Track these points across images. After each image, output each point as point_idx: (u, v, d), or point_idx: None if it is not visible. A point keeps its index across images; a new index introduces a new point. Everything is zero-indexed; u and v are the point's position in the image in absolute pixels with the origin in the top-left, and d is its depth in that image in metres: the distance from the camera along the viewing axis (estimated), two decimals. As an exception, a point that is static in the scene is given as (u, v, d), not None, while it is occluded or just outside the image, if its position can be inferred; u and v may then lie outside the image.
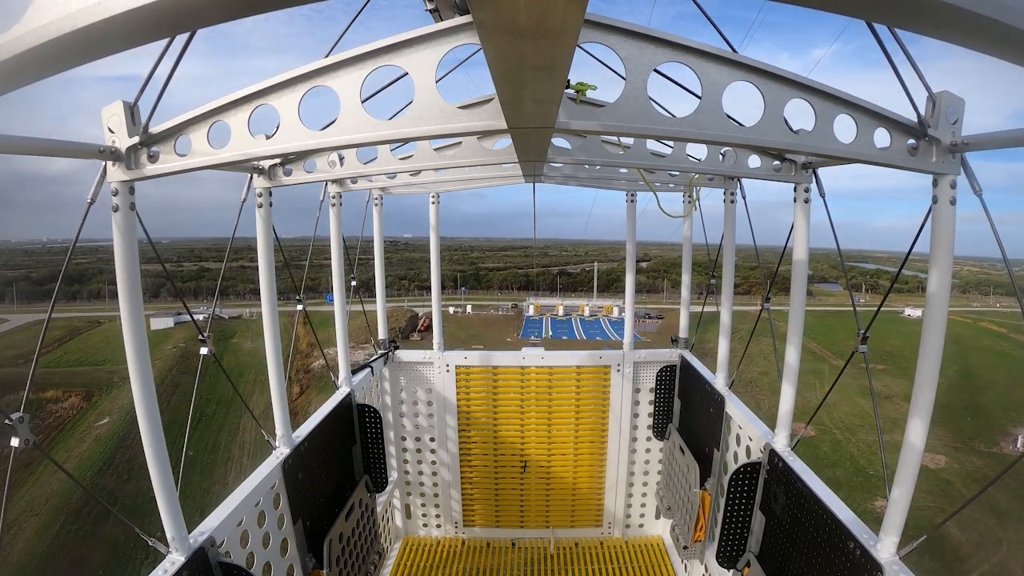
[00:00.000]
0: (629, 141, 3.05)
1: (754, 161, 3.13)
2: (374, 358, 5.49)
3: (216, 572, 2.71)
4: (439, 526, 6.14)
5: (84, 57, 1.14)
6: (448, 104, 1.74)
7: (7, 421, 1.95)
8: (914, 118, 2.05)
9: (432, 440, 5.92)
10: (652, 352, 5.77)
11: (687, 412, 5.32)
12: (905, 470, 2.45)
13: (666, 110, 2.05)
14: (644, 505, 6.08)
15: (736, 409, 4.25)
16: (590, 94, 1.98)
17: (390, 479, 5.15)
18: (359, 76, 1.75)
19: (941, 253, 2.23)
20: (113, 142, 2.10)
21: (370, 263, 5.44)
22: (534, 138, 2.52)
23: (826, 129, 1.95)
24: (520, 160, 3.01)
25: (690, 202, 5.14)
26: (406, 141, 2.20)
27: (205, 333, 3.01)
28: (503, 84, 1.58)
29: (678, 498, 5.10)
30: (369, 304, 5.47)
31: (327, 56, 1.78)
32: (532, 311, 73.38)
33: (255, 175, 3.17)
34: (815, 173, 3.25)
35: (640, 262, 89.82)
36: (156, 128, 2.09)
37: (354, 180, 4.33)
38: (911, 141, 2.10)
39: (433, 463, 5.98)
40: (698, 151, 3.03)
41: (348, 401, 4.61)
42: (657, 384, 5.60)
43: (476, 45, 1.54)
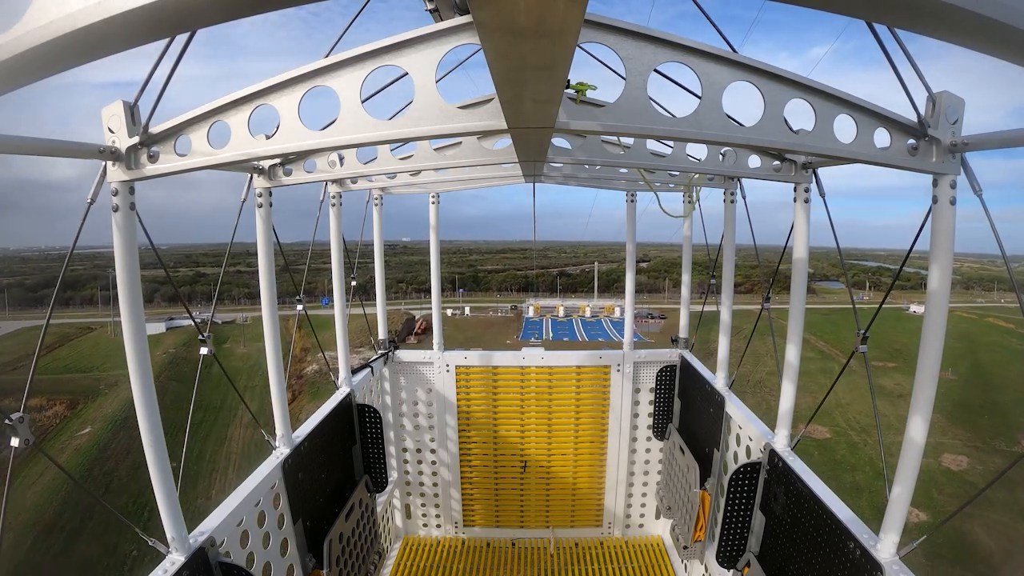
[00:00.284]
0: (629, 141, 3.05)
1: (754, 161, 3.13)
2: (374, 358, 5.49)
3: (216, 572, 2.71)
4: (439, 526, 6.14)
5: (84, 57, 1.14)
6: (448, 104, 1.74)
7: (7, 421, 1.95)
8: (914, 118, 2.05)
9: (432, 440, 5.91)
10: (652, 352, 5.77)
11: (687, 412, 5.32)
12: (905, 469, 2.46)
13: (666, 110, 2.05)
14: (644, 505, 6.08)
15: (736, 409, 4.25)
16: (590, 94, 1.98)
17: (390, 479, 5.15)
18: (359, 76, 1.75)
19: (941, 253, 2.23)
20: (113, 142, 2.10)
21: (369, 265, 5.44)
22: (534, 138, 2.52)
23: (826, 129, 1.95)
24: (520, 160, 3.01)
25: (690, 202, 5.15)
26: (406, 141, 2.20)
27: (205, 333, 3.01)
28: (503, 84, 1.58)
29: (678, 498, 5.09)
30: (369, 306, 5.47)
31: (327, 56, 1.78)
32: (532, 312, 72.30)
33: (255, 175, 3.17)
34: (815, 173, 3.25)
35: (640, 262, 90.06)
36: (156, 128, 2.09)
37: (354, 180, 4.33)
38: (911, 141, 2.10)
39: (433, 463, 5.97)
40: (698, 151, 3.04)
41: (348, 401, 4.61)
42: (657, 384, 5.61)
43: (476, 45, 1.54)
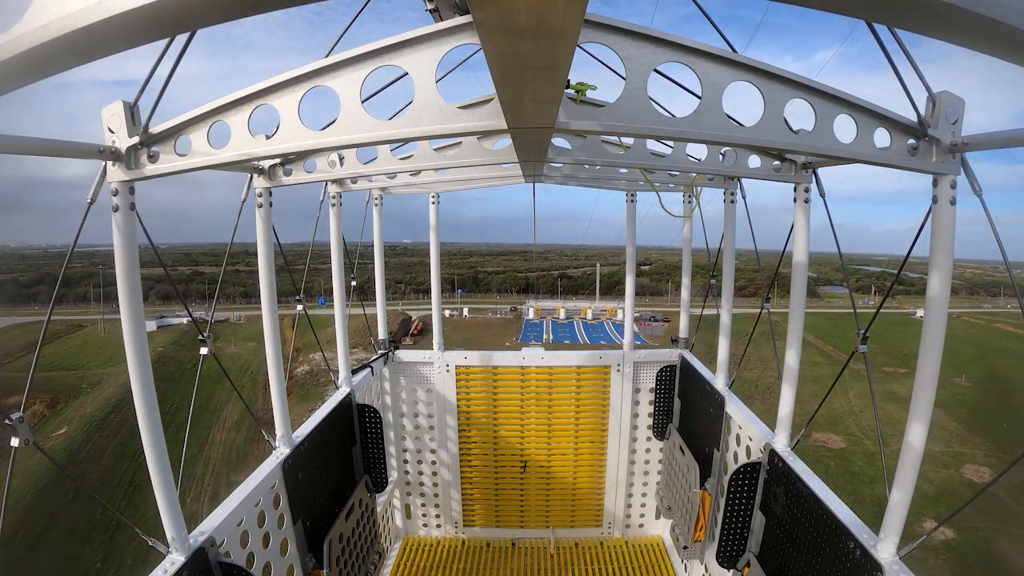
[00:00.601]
0: (629, 141, 3.05)
1: (754, 161, 3.13)
2: (374, 358, 5.49)
3: (216, 572, 2.71)
4: (439, 526, 6.14)
5: (84, 57, 1.14)
6: (448, 104, 1.74)
7: (7, 421, 1.95)
8: (914, 118, 2.05)
9: (432, 440, 5.91)
10: (652, 352, 5.77)
11: (687, 412, 5.32)
12: (905, 471, 2.46)
13: (666, 110, 2.05)
14: (644, 505, 6.08)
15: (736, 409, 4.25)
16: (590, 94, 1.98)
17: (390, 479, 5.15)
18: (359, 76, 1.75)
19: (941, 253, 2.23)
20: (113, 142, 2.10)
21: (369, 266, 5.44)
22: (534, 138, 2.52)
23: (826, 129, 1.95)
24: (520, 160, 3.01)
25: (690, 203, 5.15)
26: (406, 141, 2.20)
27: (206, 333, 3.02)
28: (503, 84, 1.58)
29: (678, 498, 5.09)
30: (368, 306, 5.47)
31: (327, 56, 1.78)
32: (532, 314, 71.42)
33: (255, 175, 3.17)
34: (815, 173, 3.25)
35: (641, 265, 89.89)
36: (156, 128, 2.09)
37: (354, 180, 4.33)
38: (911, 141, 2.10)
39: (433, 463, 5.97)
40: (698, 151, 3.03)
41: (348, 401, 4.60)
42: (657, 384, 5.60)
43: (476, 45, 1.53)
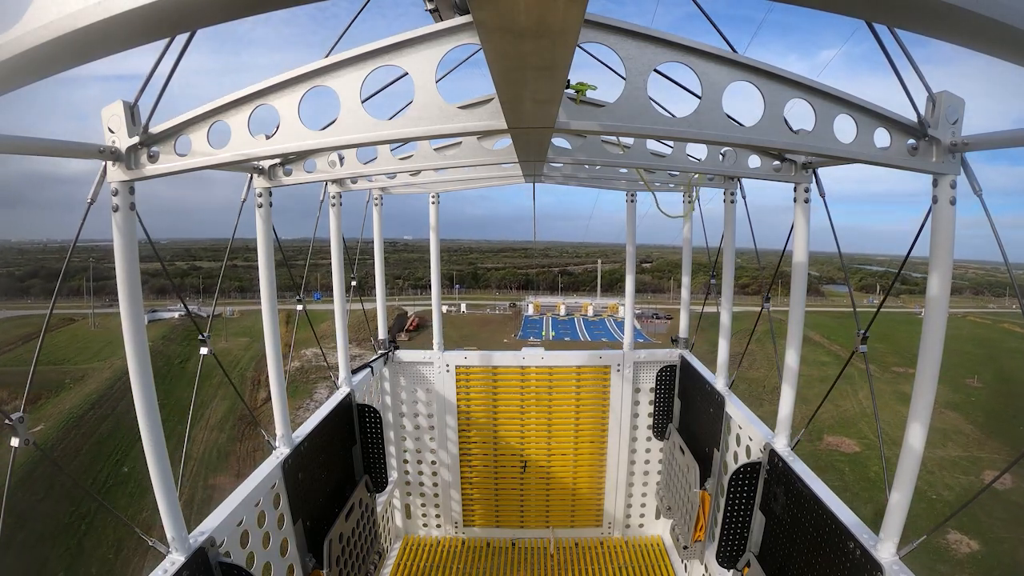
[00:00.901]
0: (629, 141, 3.05)
1: (754, 161, 3.13)
2: (374, 358, 5.49)
3: (216, 572, 2.71)
4: (439, 526, 6.14)
5: (84, 57, 1.14)
6: (448, 104, 1.74)
7: (7, 421, 1.95)
8: (914, 118, 2.05)
9: (432, 440, 5.91)
10: (652, 352, 5.77)
11: (687, 412, 5.32)
12: (905, 471, 2.47)
13: (666, 110, 2.05)
14: (644, 505, 6.08)
15: (736, 409, 4.24)
16: (590, 94, 1.98)
17: (390, 479, 5.15)
18: (359, 76, 1.75)
19: (941, 253, 2.23)
20: (113, 142, 2.10)
21: (368, 262, 5.44)
22: (534, 138, 2.52)
23: (826, 129, 1.95)
24: (520, 160, 3.01)
25: (690, 202, 5.14)
26: (406, 141, 2.20)
27: (206, 333, 3.01)
28: (503, 84, 1.58)
29: (678, 498, 5.09)
30: (367, 302, 5.47)
31: (327, 56, 1.78)
32: (531, 310, 70.47)
33: (255, 175, 3.17)
34: (815, 173, 3.25)
35: (643, 263, 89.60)
36: (156, 128, 2.09)
37: (354, 180, 4.33)
38: (911, 141, 2.10)
39: (433, 463, 5.97)
40: (698, 151, 3.04)
41: (348, 401, 4.60)
42: (657, 384, 5.60)
43: (476, 45, 1.53)
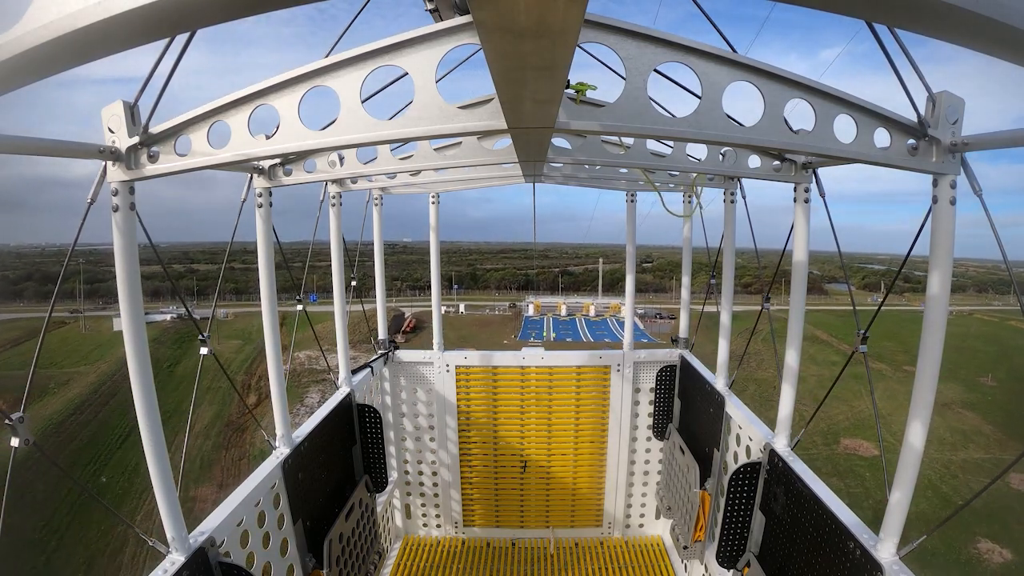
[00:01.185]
0: (629, 141, 3.05)
1: (754, 161, 3.13)
2: (374, 358, 5.49)
3: (216, 572, 2.71)
4: (439, 526, 6.14)
5: (84, 57, 1.14)
6: (448, 104, 1.73)
7: (7, 421, 1.95)
8: (914, 118, 2.05)
9: (432, 440, 5.91)
10: (652, 352, 5.77)
11: (687, 412, 5.32)
12: (905, 471, 2.46)
13: (666, 110, 2.05)
14: (644, 505, 6.08)
15: (736, 409, 4.24)
16: (590, 94, 1.98)
17: (390, 479, 5.15)
18: (359, 76, 1.75)
19: (941, 253, 2.23)
20: (113, 142, 2.09)
21: (368, 263, 5.43)
22: (534, 138, 2.52)
23: (826, 129, 1.95)
24: (520, 160, 3.01)
25: (690, 202, 5.15)
26: (406, 141, 2.20)
27: (206, 333, 3.01)
28: (503, 84, 1.58)
29: (678, 498, 5.09)
30: (367, 302, 5.46)
31: (327, 56, 1.78)
32: (532, 310, 68.79)
33: (255, 175, 3.17)
34: (815, 173, 3.25)
35: (643, 262, 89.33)
36: (156, 128, 2.09)
37: (354, 180, 4.33)
38: (911, 141, 2.10)
39: (433, 463, 5.97)
40: (698, 151, 3.03)
41: (348, 401, 4.61)
42: (657, 384, 5.60)
43: (476, 45, 1.53)
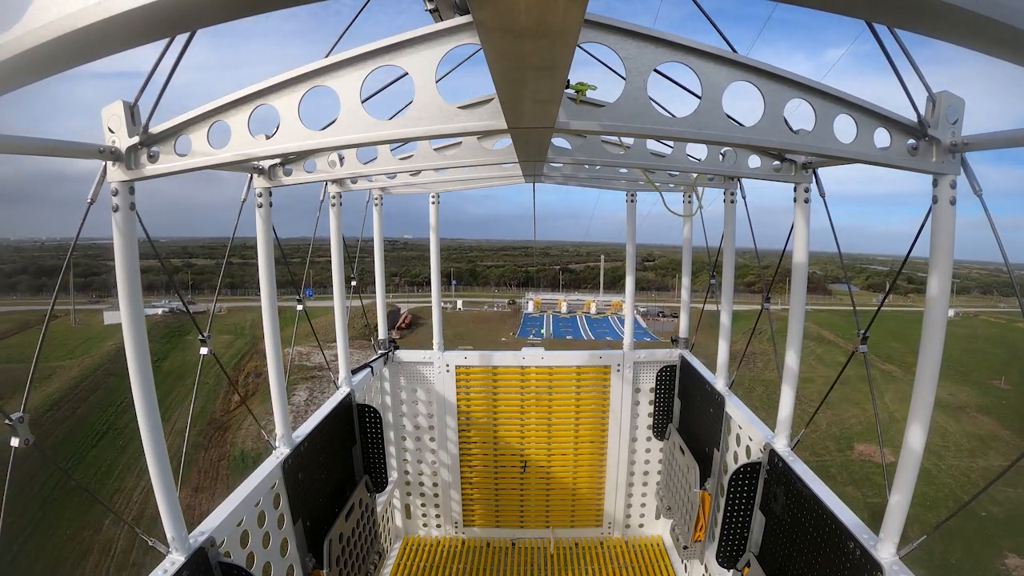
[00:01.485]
0: (629, 141, 3.05)
1: (754, 161, 3.13)
2: (374, 358, 5.50)
3: (216, 572, 2.71)
4: (439, 526, 6.14)
5: (84, 57, 1.14)
6: (448, 104, 1.74)
7: (7, 421, 1.95)
8: (914, 118, 2.05)
9: (432, 440, 5.92)
10: (652, 352, 5.77)
11: (687, 412, 5.32)
12: (905, 472, 2.46)
13: (666, 110, 2.05)
14: (644, 505, 6.08)
15: (736, 409, 4.25)
16: (590, 94, 1.98)
17: (390, 479, 5.15)
18: (359, 76, 1.75)
19: (941, 254, 2.23)
20: (113, 142, 2.10)
21: (367, 260, 5.43)
22: (534, 138, 2.52)
23: (826, 129, 1.95)
24: (520, 160, 3.01)
25: (690, 202, 5.15)
26: (406, 141, 2.20)
27: (205, 333, 3.01)
28: (503, 84, 1.58)
29: (678, 498, 5.09)
30: (367, 298, 5.45)
31: (327, 56, 1.78)
32: (531, 307, 67.16)
33: (255, 175, 3.18)
34: (815, 173, 3.25)
35: (645, 261, 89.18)
36: (156, 128, 2.09)
37: (354, 180, 4.33)
38: (911, 141, 2.10)
39: (433, 463, 5.98)
40: (698, 151, 3.03)
41: (348, 401, 4.61)
42: (657, 384, 5.60)
43: (476, 45, 1.53)
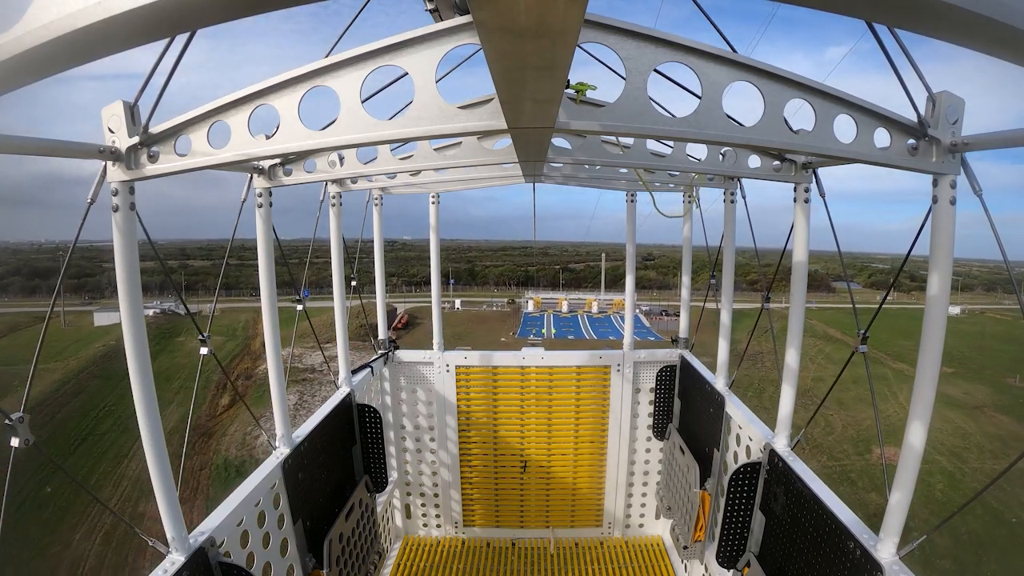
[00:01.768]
0: (629, 141, 3.05)
1: (754, 161, 3.14)
2: (374, 358, 5.50)
3: (216, 572, 2.71)
4: (439, 526, 6.14)
5: (84, 57, 1.14)
6: (448, 104, 1.74)
7: (7, 421, 1.95)
8: (914, 118, 2.05)
9: (432, 440, 5.92)
10: (652, 352, 5.77)
11: (687, 412, 5.32)
12: (905, 471, 2.46)
13: (666, 110, 2.05)
14: (644, 505, 6.08)
15: (736, 409, 4.25)
16: (590, 94, 1.98)
17: (390, 479, 5.15)
18: (359, 76, 1.75)
19: (941, 253, 2.23)
20: (113, 142, 2.10)
21: (364, 261, 5.42)
22: (534, 138, 2.52)
23: (826, 129, 1.95)
24: (520, 160, 3.01)
25: (689, 202, 5.15)
26: (406, 141, 2.20)
27: (205, 333, 3.01)
28: (503, 84, 1.58)
29: (678, 498, 5.09)
30: (366, 299, 5.45)
31: (327, 56, 1.78)
32: (531, 307, 66.24)
33: (255, 175, 3.18)
34: (815, 173, 3.25)
35: (646, 260, 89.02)
36: (156, 128, 2.09)
37: (354, 180, 4.33)
38: (911, 141, 2.10)
39: (433, 463, 5.98)
40: (698, 151, 3.04)
41: (348, 401, 4.61)
42: (657, 384, 5.60)
43: (476, 45, 1.53)
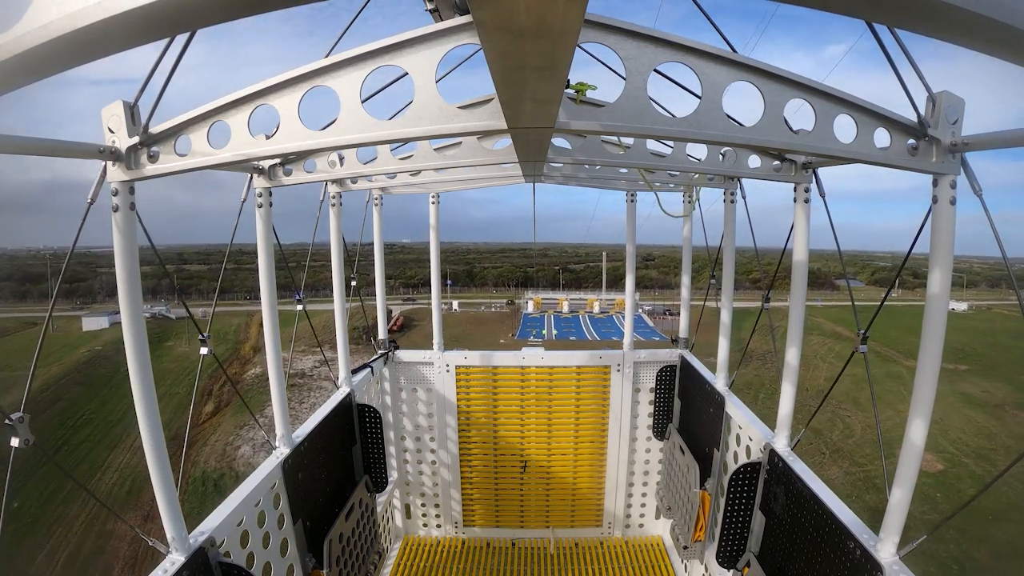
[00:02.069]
0: (629, 141, 3.05)
1: (754, 161, 3.14)
2: (374, 358, 5.50)
3: (216, 572, 2.71)
4: (439, 526, 6.14)
5: (84, 57, 1.14)
6: (448, 104, 1.74)
7: (7, 421, 1.95)
8: (914, 118, 2.05)
9: (432, 440, 5.92)
10: (652, 352, 5.77)
11: (687, 412, 5.32)
12: (905, 471, 2.46)
13: (666, 110, 2.05)
14: (644, 505, 6.08)
15: (736, 409, 4.25)
16: (590, 94, 1.98)
17: (390, 479, 5.15)
18: (359, 76, 1.75)
19: (941, 253, 2.23)
20: (113, 142, 2.10)
21: (363, 263, 5.42)
22: (534, 138, 2.52)
23: (826, 129, 1.95)
24: (520, 160, 3.01)
25: (690, 202, 5.15)
26: (406, 141, 2.20)
27: (205, 333, 3.01)
28: (503, 84, 1.58)
29: (678, 498, 5.09)
30: (367, 300, 5.45)
31: (327, 56, 1.78)
32: (531, 307, 65.59)
33: (255, 175, 3.18)
34: (815, 173, 3.25)
35: (645, 260, 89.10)
36: (156, 128, 2.09)
37: (354, 180, 4.33)
38: (911, 141, 2.10)
39: (433, 463, 5.98)
40: (698, 151, 3.04)
41: (348, 401, 4.61)
42: (657, 384, 5.61)
43: (476, 45, 1.53)
